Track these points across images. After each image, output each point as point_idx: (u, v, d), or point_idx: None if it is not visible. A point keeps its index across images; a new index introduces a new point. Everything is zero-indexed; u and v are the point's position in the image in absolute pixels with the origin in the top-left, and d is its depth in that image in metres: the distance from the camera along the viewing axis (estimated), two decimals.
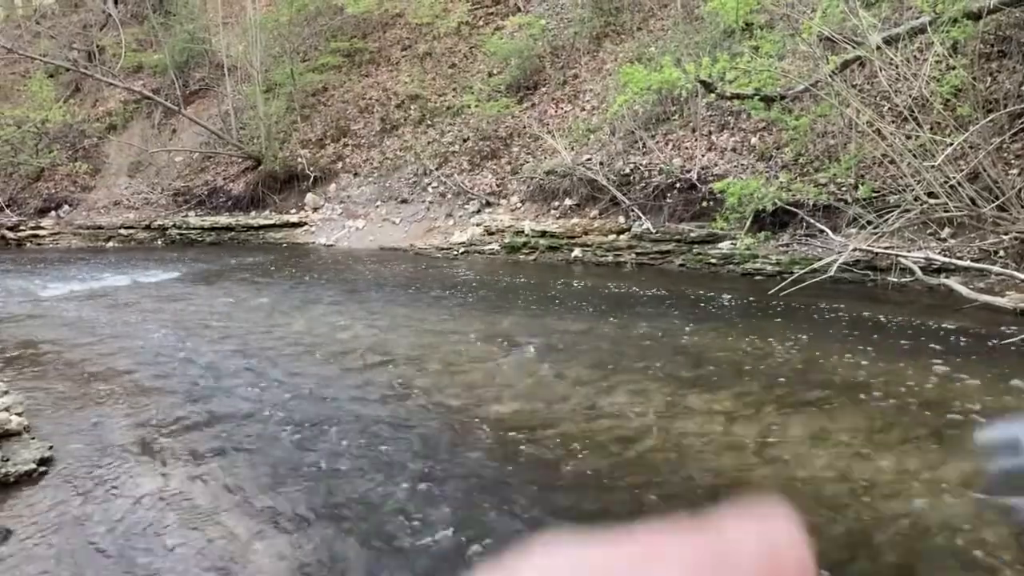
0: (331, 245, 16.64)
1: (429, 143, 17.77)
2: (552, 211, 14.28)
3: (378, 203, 17.43)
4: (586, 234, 13.08)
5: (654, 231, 12.27)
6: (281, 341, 7.51)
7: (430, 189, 16.86)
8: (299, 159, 19.16)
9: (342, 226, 17.28)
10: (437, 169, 17.02)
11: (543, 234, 13.48)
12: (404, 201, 17.05)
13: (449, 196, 16.37)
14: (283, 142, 19.90)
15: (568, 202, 14.10)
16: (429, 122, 18.35)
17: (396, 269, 12.77)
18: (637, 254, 12.27)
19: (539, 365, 5.94)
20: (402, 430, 4.72)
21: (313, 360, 6.68)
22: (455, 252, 14.29)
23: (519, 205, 14.99)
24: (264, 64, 20.13)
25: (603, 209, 13.53)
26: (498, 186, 15.81)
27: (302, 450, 4.50)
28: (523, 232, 13.73)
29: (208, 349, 7.28)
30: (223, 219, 18.97)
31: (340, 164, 19.03)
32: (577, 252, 12.90)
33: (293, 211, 18.52)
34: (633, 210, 12.87)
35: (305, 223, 17.93)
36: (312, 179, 18.73)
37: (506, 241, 13.82)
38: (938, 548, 3.06)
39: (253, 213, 18.99)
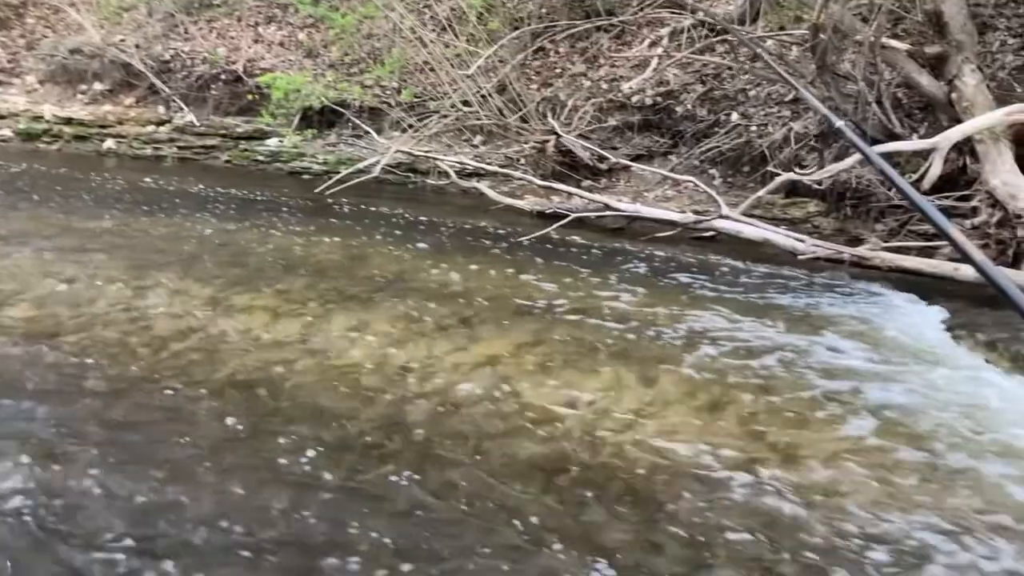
0: None
1: None
2: (79, 96, 12.69)
3: None
4: (121, 124, 11.92)
5: (198, 124, 11.59)
6: None
7: None
8: None
9: None
10: None
11: (68, 121, 11.97)
12: None
13: None
14: None
15: (98, 87, 12.63)
16: None
17: None
18: (179, 148, 11.53)
19: (62, 265, 5.31)
20: None
21: None
22: None
23: (37, 87, 13.08)
24: None
25: (140, 97, 12.40)
26: (10, 63, 13.60)
27: None
28: (43, 118, 12.06)
29: None
30: None
31: None
32: (110, 143, 11.71)
33: None
34: (174, 100, 11.98)
35: None
36: None
37: (21, 127, 12.01)
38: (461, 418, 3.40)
39: None
